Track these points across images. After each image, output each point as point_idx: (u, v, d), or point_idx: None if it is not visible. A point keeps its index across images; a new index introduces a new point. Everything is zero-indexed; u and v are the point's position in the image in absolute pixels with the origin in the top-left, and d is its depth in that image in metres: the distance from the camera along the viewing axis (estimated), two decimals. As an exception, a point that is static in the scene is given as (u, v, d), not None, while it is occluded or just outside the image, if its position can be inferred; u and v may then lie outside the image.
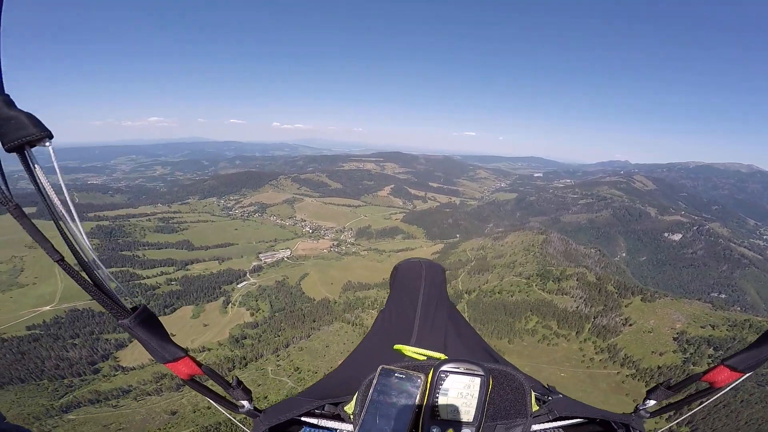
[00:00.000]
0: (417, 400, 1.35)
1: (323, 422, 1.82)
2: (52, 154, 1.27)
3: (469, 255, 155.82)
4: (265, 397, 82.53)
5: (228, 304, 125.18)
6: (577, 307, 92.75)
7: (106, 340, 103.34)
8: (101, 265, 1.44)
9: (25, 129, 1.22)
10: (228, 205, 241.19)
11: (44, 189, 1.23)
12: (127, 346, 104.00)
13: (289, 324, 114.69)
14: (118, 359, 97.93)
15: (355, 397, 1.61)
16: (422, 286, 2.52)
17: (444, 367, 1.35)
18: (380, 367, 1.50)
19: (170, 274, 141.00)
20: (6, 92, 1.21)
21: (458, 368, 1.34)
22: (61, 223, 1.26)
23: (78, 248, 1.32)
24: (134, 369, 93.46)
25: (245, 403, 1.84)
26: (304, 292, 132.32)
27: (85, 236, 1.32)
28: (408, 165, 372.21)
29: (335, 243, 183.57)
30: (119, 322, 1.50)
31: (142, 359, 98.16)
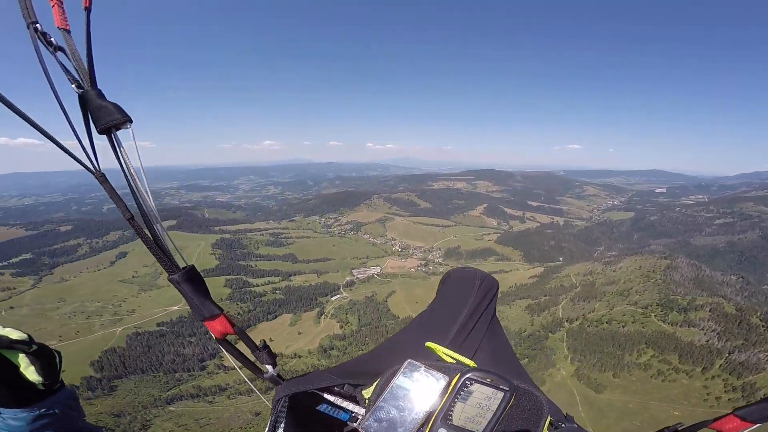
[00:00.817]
0: (435, 400, 1.37)
1: (339, 401, 1.89)
2: (132, 135, 1.65)
3: (573, 280, 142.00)
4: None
5: (321, 315, 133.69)
6: (708, 341, 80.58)
7: (217, 340, 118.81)
8: (163, 228, 1.75)
9: (113, 115, 1.63)
10: (328, 222, 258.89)
11: (125, 163, 1.62)
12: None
13: (373, 339, 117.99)
14: (222, 358, 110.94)
15: (375, 383, 1.65)
16: (472, 295, 2.52)
17: (472, 375, 1.35)
18: (407, 360, 1.53)
19: (276, 283, 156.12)
20: (98, 87, 1.64)
21: (485, 379, 1.35)
22: (136, 192, 1.63)
23: (147, 212, 1.66)
24: (233, 368, 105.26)
25: (269, 368, 1.96)
26: (389, 309, 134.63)
27: (152, 202, 1.66)
28: (503, 183, 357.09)
29: (423, 262, 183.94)
30: (169, 277, 1.78)
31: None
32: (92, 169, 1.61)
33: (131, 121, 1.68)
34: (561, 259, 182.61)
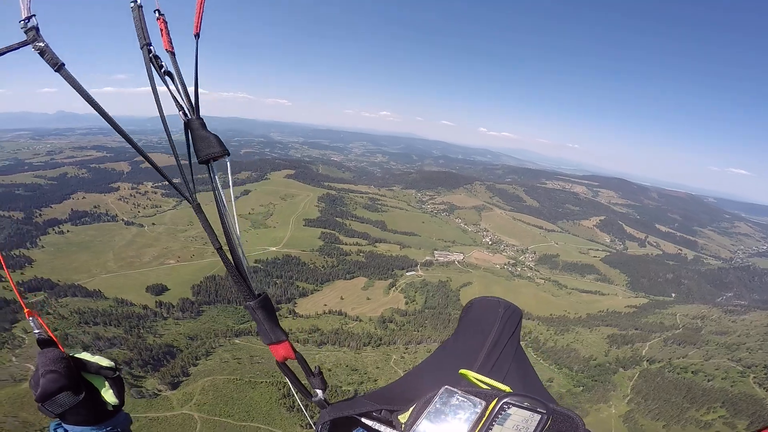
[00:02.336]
0: (471, 425, 1.39)
1: (377, 425, 1.94)
2: (228, 168, 1.91)
3: (677, 321, 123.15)
4: (375, 381, 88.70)
5: (393, 287, 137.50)
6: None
7: (297, 286, 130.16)
8: (245, 258, 1.99)
9: (214, 147, 1.88)
10: (423, 199, 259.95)
11: (219, 193, 1.87)
12: (307, 296, 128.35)
13: (432, 324, 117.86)
14: (296, 305, 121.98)
15: (411, 408, 1.70)
16: (496, 324, 2.56)
17: (509, 399, 1.37)
18: (444, 387, 1.57)
19: (362, 246, 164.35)
20: (201, 116, 1.83)
21: (522, 402, 1.37)
22: (225, 219, 1.88)
23: (233, 238, 1.93)
24: (301, 317, 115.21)
25: (319, 392, 2.16)
26: (459, 299, 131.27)
27: (238, 232, 1.92)
28: (632, 197, 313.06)
29: (511, 262, 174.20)
30: (246, 303, 2.08)
31: (314, 310, 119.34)
32: (189, 198, 1.82)
33: (228, 154, 1.89)
34: (674, 295, 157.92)
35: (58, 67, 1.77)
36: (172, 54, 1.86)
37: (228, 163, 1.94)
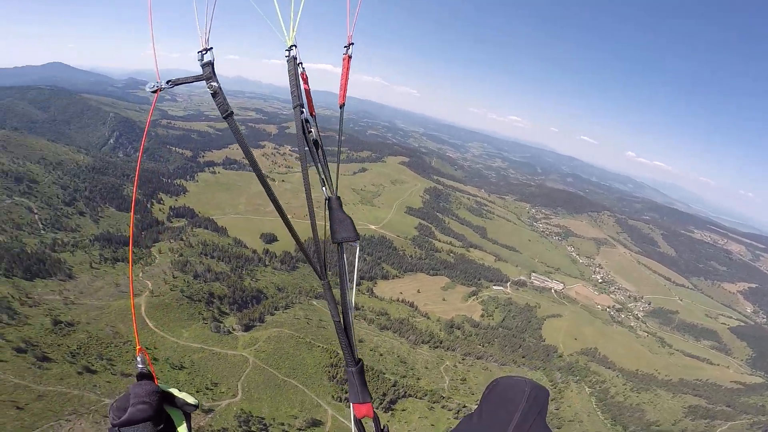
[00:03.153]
0: None
1: None
2: (357, 251, 2.30)
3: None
4: (418, 379, 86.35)
5: (473, 295, 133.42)
6: None
7: (381, 267, 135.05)
8: (354, 333, 2.34)
9: (349, 232, 2.26)
10: (537, 216, 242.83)
11: (344, 273, 2.27)
12: (388, 279, 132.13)
13: (501, 344, 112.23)
14: (375, 284, 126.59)
15: None
16: (522, 404, 2.53)
17: None
18: None
19: (455, 246, 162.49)
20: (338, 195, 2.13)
21: None
22: (346, 293, 2.31)
23: (350, 315, 2.34)
24: (376, 297, 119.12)
25: None
26: (540, 328, 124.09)
27: (354, 300, 2.29)
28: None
29: (617, 306, 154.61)
30: (348, 368, 2.36)
31: (390, 295, 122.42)
32: (320, 275, 2.08)
33: (359, 239, 2.11)
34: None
35: (228, 114, 1.96)
36: (314, 118, 2.11)
37: (358, 248, 2.19)
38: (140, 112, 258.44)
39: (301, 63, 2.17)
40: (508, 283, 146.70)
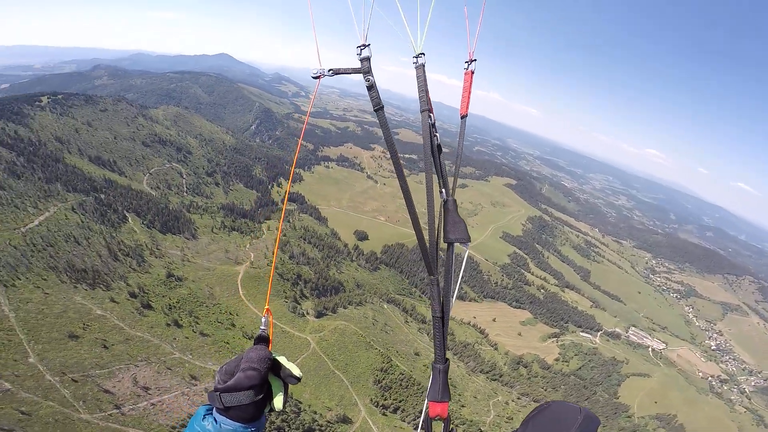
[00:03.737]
0: None
1: None
2: (466, 253, 2.61)
3: None
4: (462, 406, 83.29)
5: (554, 337, 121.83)
6: None
7: (461, 287, 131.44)
8: (448, 326, 2.53)
9: (462, 234, 2.48)
10: (657, 268, 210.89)
11: (451, 275, 2.58)
12: (464, 300, 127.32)
13: (566, 393, 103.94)
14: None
15: None
16: (573, 428, 2.45)
17: None
18: None
19: (548, 283, 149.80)
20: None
21: None
22: (450, 297, 2.57)
23: (447, 311, 2.46)
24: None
25: None
26: (619, 385, 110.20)
27: (453, 302, 2.51)
28: None
29: (722, 377, 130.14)
30: (435, 364, 2.47)
31: (462, 316, 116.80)
32: (432, 269, 2.24)
33: (470, 241, 2.29)
34: None
35: (379, 107, 2.14)
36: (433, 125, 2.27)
37: (467, 250, 2.30)
38: (279, 105, 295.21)
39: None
40: (600, 333, 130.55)
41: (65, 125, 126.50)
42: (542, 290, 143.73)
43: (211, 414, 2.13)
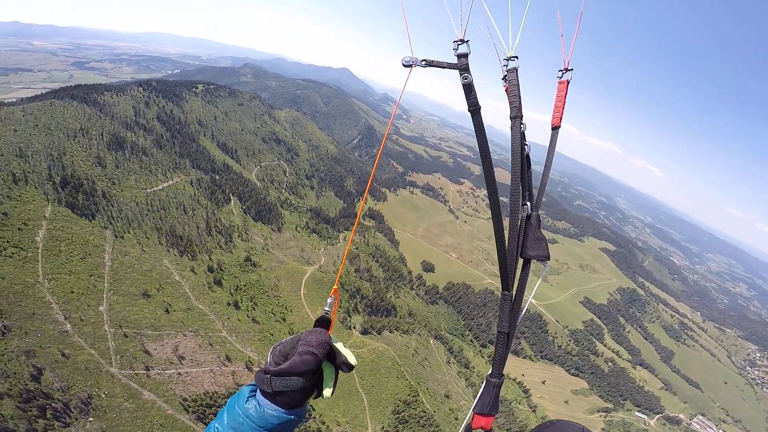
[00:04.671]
0: None
1: None
2: (545, 270, 2.58)
3: None
4: None
5: (604, 412, 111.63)
6: None
7: (518, 342, 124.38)
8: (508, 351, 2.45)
9: (542, 251, 2.40)
10: (758, 362, 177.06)
11: (525, 282, 2.43)
12: (518, 355, 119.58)
13: None
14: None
15: None
16: None
17: None
18: None
19: (618, 357, 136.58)
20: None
21: None
22: (521, 309, 2.48)
23: (515, 324, 2.44)
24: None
25: None
26: None
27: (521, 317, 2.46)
28: None
29: None
30: (491, 378, 2.40)
31: (510, 371, 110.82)
32: (507, 284, 2.23)
33: (549, 259, 2.24)
34: None
35: (475, 109, 2.05)
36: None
37: (546, 268, 2.32)
38: (381, 124, 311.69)
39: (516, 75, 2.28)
40: (658, 416, 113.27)
41: (208, 112, 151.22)
42: (610, 363, 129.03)
43: (255, 396, 2.06)
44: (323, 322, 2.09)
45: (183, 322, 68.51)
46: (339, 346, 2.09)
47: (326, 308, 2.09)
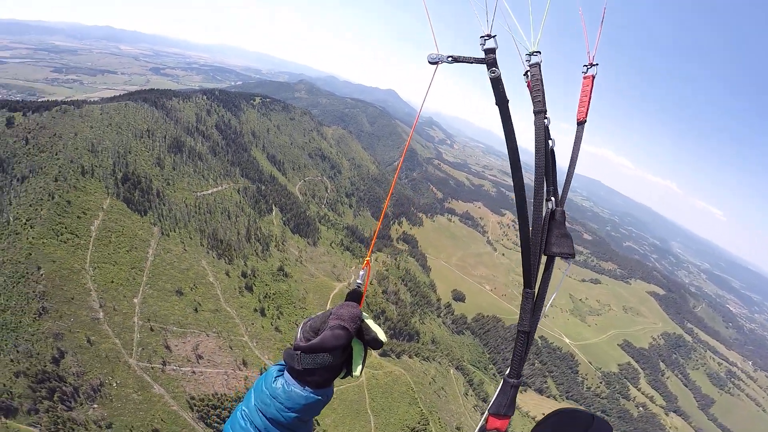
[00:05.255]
0: None
1: None
2: (567, 269, 2.36)
3: None
4: None
5: None
6: None
7: (544, 380, 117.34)
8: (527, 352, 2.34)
9: (565, 249, 2.26)
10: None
11: (548, 280, 2.29)
12: (543, 394, 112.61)
13: None
14: (523, 392, 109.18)
15: None
16: None
17: None
18: None
19: (651, 403, 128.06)
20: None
21: None
22: (543, 303, 2.23)
23: (538, 319, 2.18)
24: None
25: None
26: None
27: (546, 311, 2.23)
28: None
29: None
30: (508, 378, 2.27)
31: (530, 408, 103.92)
32: (529, 282, 2.08)
33: (574, 257, 2.09)
34: None
35: (503, 102, 1.98)
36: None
37: (569, 266, 2.16)
38: (424, 148, 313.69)
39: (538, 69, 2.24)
40: None
41: (262, 124, 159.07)
42: (641, 408, 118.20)
43: (282, 375, 1.97)
44: (355, 296, 1.96)
45: (209, 323, 70.53)
46: (369, 321, 1.96)
47: (358, 281, 1.96)
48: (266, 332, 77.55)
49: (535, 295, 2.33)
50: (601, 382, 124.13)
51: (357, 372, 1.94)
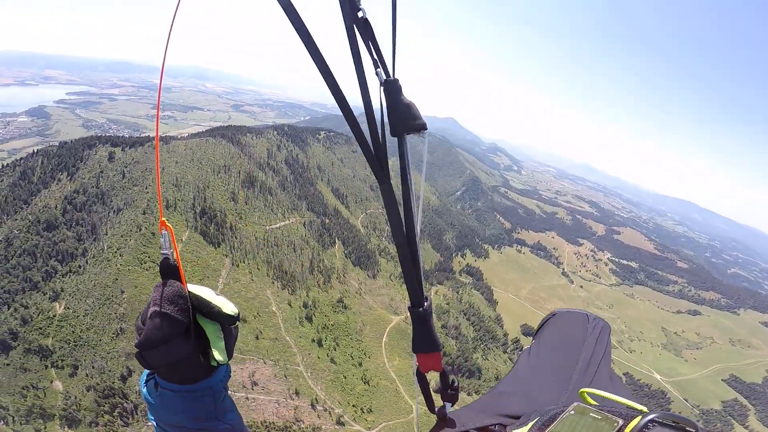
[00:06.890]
0: None
1: None
2: (426, 146, 1.79)
3: None
4: None
5: None
6: None
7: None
8: (421, 259, 1.81)
9: (413, 120, 1.66)
10: None
11: (408, 174, 1.74)
12: None
13: None
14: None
15: (530, 424, 1.51)
16: (587, 340, 2.35)
17: (654, 416, 1.18)
18: (575, 403, 1.44)
19: None
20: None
21: (668, 420, 1.18)
22: (413, 207, 1.73)
23: (415, 231, 1.72)
24: None
25: (448, 405, 2.13)
26: None
27: (419, 229, 1.74)
28: None
29: None
30: (412, 308, 1.82)
31: None
32: (381, 174, 1.59)
33: (426, 129, 1.63)
34: None
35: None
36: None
37: (426, 143, 1.74)
38: (488, 176, 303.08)
39: None
40: None
41: (327, 158, 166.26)
42: None
43: (154, 378, 1.58)
44: (168, 271, 1.49)
45: (267, 350, 71.90)
46: (205, 293, 1.52)
47: (163, 251, 1.49)
48: (321, 363, 77.28)
49: (392, 188, 1.70)
50: (698, 420, 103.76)
51: (219, 357, 1.51)
